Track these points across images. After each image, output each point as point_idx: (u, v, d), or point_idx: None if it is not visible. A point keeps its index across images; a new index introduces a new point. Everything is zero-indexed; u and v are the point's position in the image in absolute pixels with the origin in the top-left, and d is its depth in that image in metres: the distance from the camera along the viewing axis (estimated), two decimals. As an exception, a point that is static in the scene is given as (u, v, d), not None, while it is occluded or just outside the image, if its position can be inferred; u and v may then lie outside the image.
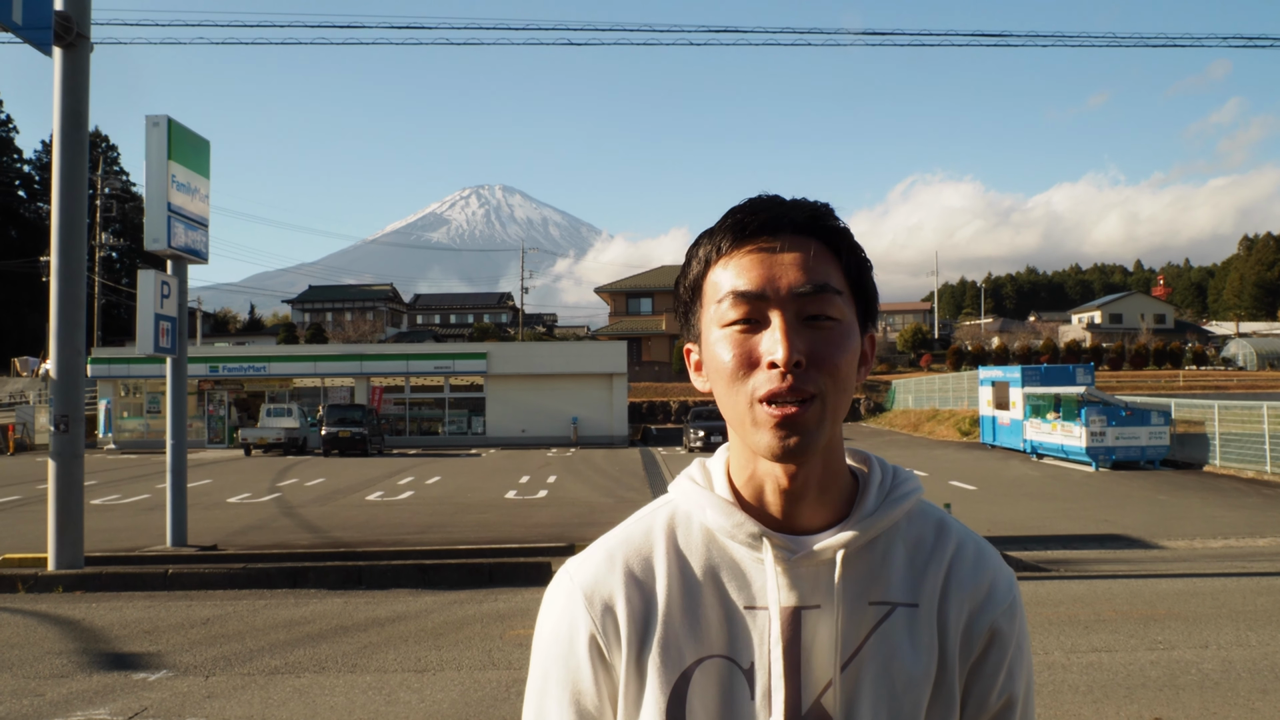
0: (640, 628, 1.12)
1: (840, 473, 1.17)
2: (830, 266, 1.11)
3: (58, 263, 10.79)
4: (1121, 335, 78.70)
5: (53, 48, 10.67)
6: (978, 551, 1.18)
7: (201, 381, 39.99)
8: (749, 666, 1.10)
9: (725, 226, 1.13)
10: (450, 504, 18.07)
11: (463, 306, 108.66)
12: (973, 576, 1.15)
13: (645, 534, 1.19)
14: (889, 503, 1.16)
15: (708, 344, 1.14)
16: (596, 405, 39.99)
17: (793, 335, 1.06)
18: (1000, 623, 1.14)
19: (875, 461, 1.23)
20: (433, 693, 6.57)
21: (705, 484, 1.20)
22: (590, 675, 1.12)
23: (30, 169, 76.36)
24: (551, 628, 1.17)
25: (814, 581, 1.11)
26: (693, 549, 1.16)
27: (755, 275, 1.09)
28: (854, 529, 1.13)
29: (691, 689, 1.09)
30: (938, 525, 1.20)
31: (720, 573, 1.14)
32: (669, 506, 1.22)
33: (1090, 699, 6.22)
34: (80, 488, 10.92)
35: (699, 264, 1.16)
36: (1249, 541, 13.29)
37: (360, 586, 10.48)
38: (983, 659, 1.13)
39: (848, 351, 1.09)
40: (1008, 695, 1.14)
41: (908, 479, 1.21)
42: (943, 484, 20.59)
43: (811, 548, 1.11)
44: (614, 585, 1.14)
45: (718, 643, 1.11)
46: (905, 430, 43.93)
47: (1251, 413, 22.17)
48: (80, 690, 6.67)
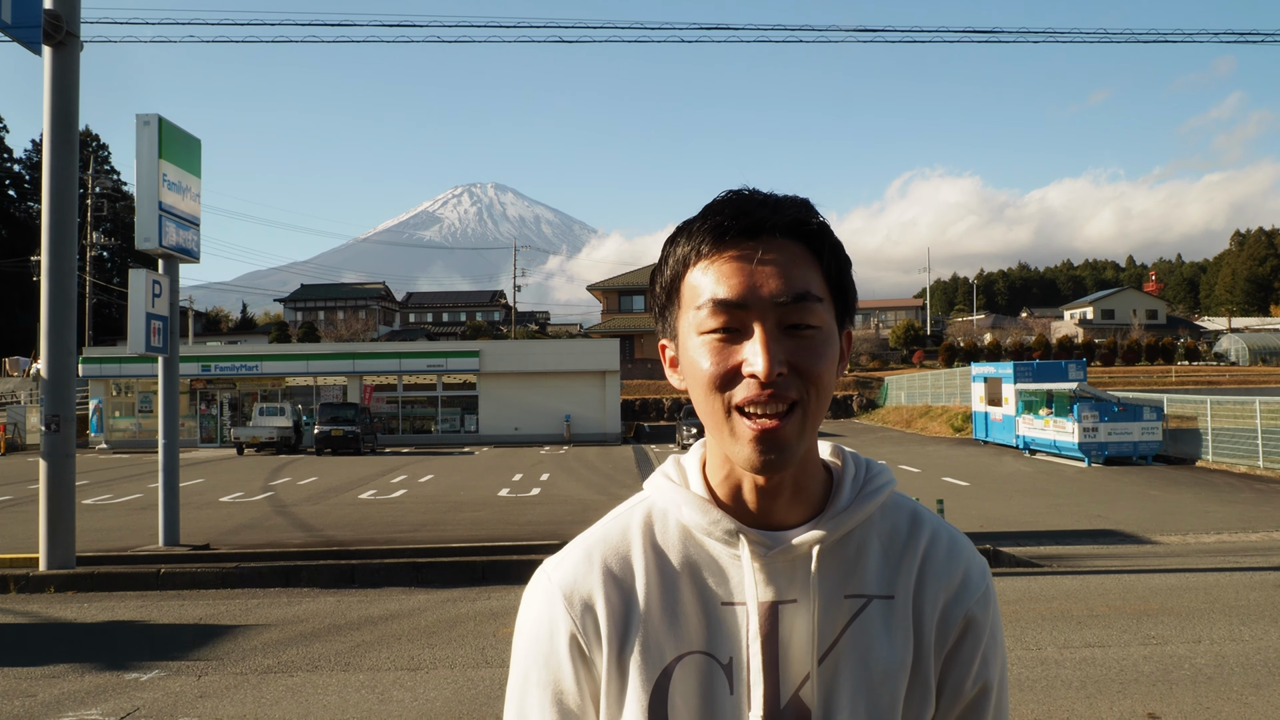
0: (621, 626, 1.12)
1: (815, 470, 1.17)
2: (811, 271, 1.10)
3: (48, 262, 10.75)
4: (1114, 331, 78.92)
5: (42, 47, 10.62)
6: (951, 542, 1.19)
7: (194, 381, 39.91)
8: (728, 661, 1.10)
9: (705, 228, 1.11)
10: (443, 502, 18.05)
11: (455, 305, 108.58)
12: (947, 567, 1.16)
13: (623, 532, 1.19)
14: (863, 497, 1.17)
15: (685, 348, 1.13)
16: (589, 403, 39.98)
17: (773, 345, 1.05)
18: (975, 611, 1.15)
19: (848, 456, 1.23)
20: (426, 691, 6.56)
21: (681, 481, 1.20)
22: (572, 674, 1.12)
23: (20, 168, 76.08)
24: (531, 628, 1.16)
25: (790, 576, 1.12)
26: (670, 546, 1.16)
27: (736, 283, 1.07)
28: (829, 524, 1.14)
29: (673, 685, 1.09)
30: (911, 517, 1.20)
31: (698, 569, 1.14)
32: (645, 504, 1.22)
33: (1084, 694, 6.23)
34: (72, 488, 10.88)
35: (677, 264, 1.14)
36: (1241, 536, 13.33)
37: (353, 585, 10.46)
38: (958, 647, 1.14)
39: (828, 359, 1.09)
40: (983, 682, 1.15)
41: (880, 472, 1.22)
42: (936, 480, 20.63)
43: (787, 543, 1.12)
44: (593, 584, 1.14)
45: (697, 639, 1.11)
46: (898, 427, 44.00)
47: (1244, 408, 22.24)
48: (72, 690, 6.64)
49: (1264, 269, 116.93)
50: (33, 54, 10.59)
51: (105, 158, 78.23)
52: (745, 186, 1.14)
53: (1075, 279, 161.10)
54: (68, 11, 10.81)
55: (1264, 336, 74.61)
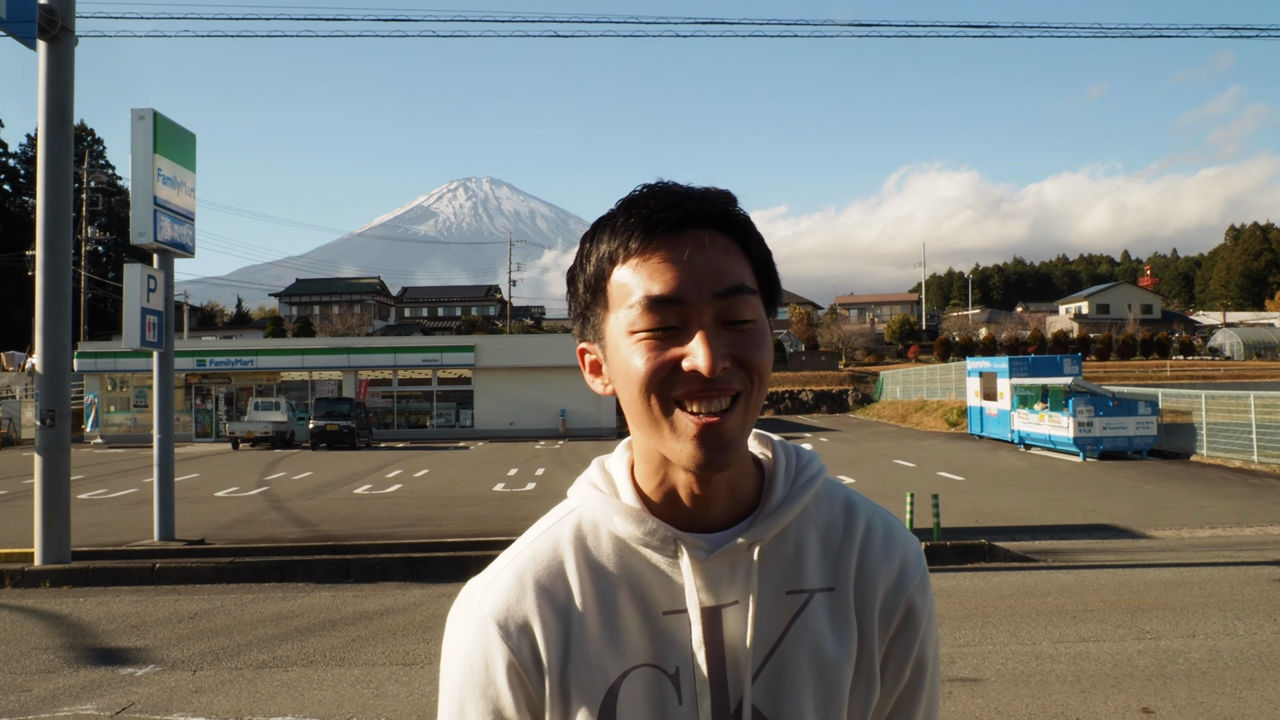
0: (560, 648, 1.08)
1: (747, 466, 1.15)
2: (742, 264, 1.07)
3: (43, 257, 10.73)
4: (1109, 326, 79.01)
5: (37, 41, 10.60)
6: (886, 529, 1.18)
7: (189, 375, 39.87)
8: (674, 672, 1.08)
9: (631, 223, 1.06)
10: (438, 497, 18.05)
11: (451, 299, 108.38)
12: (885, 555, 1.15)
13: (552, 548, 1.14)
14: (796, 490, 1.15)
15: (615, 349, 1.08)
16: (585, 398, 39.95)
17: (714, 340, 1.02)
18: (914, 597, 1.15)
19: (778, 446, 1.20)
20: (421, 685, 6.56)
21: (609, 489, 1.16)
22: (512, 702, 1.07)
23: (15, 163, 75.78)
24: (464, 658, 1.10)
25: (730, 578, 1.10)
26: (604, 558, 1.12)
27: (669, 278, 1.03)
28: (765, 521, 1.11)
29: (620, 703, 1.07)
30: (845, 506, 1.19)
31: (636, 580, 1.11)
32: (573, 515, 1.17)
33: (1078, 689, 6.24)
34: (67, 482, 10.87)
35: (600, 261, 1.08)
36: (1236, 531, 13.35)
37: (348, 580, 10.46)
38: (899, 634, 1.14)
39: (767, 350, 1.07)
40: (921, 663, 1.15)
41: (810, 461, 1.20)
42: (931, 475, 20.65)
43: (725, 545, 1.10)
44: (527, 608, 1.09)
45: (641, 652, 1.08)
46: (893, 421, 44.04)
47: (1239, 402, 22.27)
48: (67, 685, 6.64)
49: (1259, 264, 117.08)
50: (27, 48, 10.56)
51: (100, 152, 77.95)
52: (660, 180, 1.10)
53: (1070, 274, 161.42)
54: (62, 6, 10.78)
55: (1259, 331, 74.75)
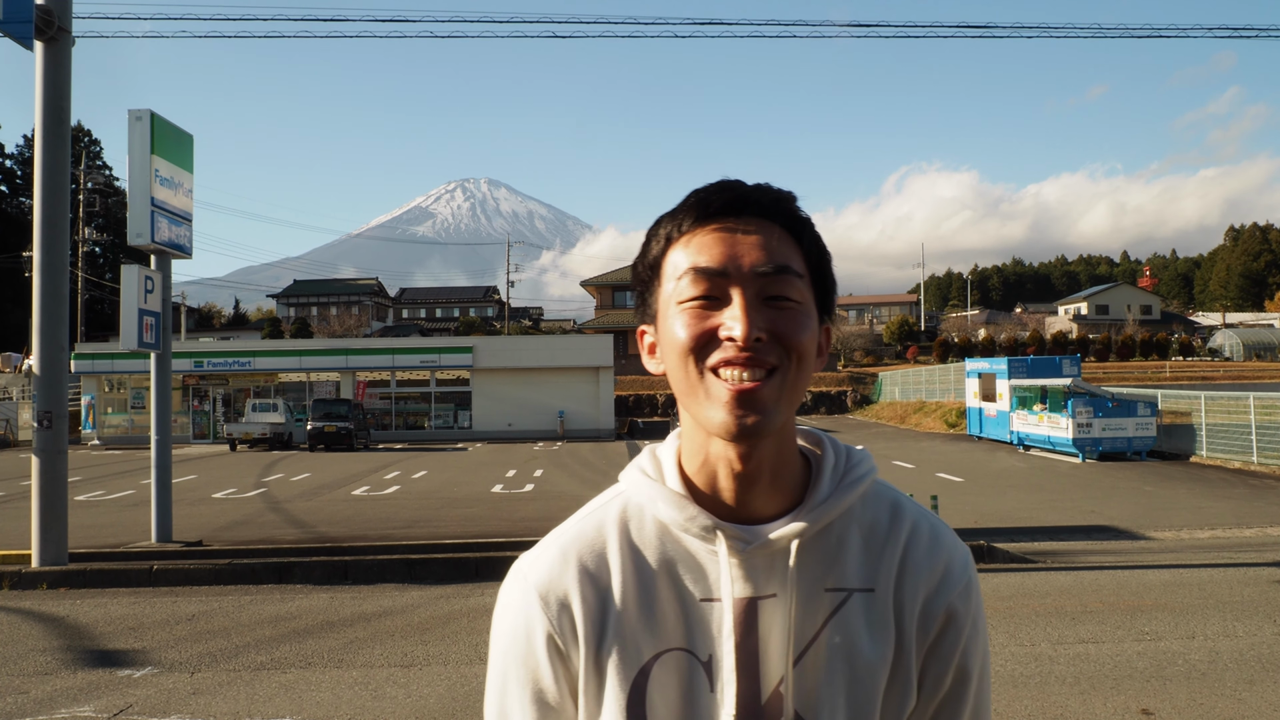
0: (597, 625, 1.11)
1: (792, 456, 1.15)
2: (792, 251, 1.10)
3: (40, 258, 10.71)
4: (1108, 326, 79.07)
5: (34, 42, 10.58)
6: (932, 532, 1.17)
7: (186, 377, 39.83)
8: (708, 659, 1.09)
9: (688, 205, 1.12)
10: (437, 498, 18.03)
11: (449, 300, 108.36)
12: (928, 559, 1.14)
13: (598, 528, 1.18)
14: (843, 487, 1.15)
15: (664, 321, 1.12)
16: (583, 399, 39.94)
17: (753, 312, 1.05)
18: (956, 604, 1.13)
19: (828, 442, 1.21)
20: (419, 688, 6.54)
21: (656, 475, 1.18)
22: (550, 673, 1.12)
23: (12, 164, 75.73)
24: (509, 628, 1.16)
25: (769, 571, 1.10)
26: (646, 542, 1.15)
27: (717, 252, 1.08)
28: (808, 516, 1.11)
29: (651, 684, 1.08)
30: (892, 507, 1.18)
31: (675, 565, 1.13)
32: (621, 499, 1.20)
33: (1077, 690, 6.23)
34: (64, 484, 10.85)
35: (659, 243, 1.14)
36: (1236, 532, 13.35)
37: (347, 581, 10.44)
38: (939, 641, 1.12)
39: (809, 331, 1.08)
40: (964, 672, 1.13)
41: (861, 460, 1.19)
42: (930, 476, 20.64)
43: (766, 537, 1.10)
44: (569, 583, 1.13)
45: (675, 636, 1.10)
46: (892, 422, 44.04)
47: (1238, 403, 22.27)
48: (65, 688, 6.62)
49: (1258, 264, 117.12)
50: (24, 49, 10.55)
51: (97, 153, 77.89)
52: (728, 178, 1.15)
53: (1070, 274, 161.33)
54: (59, 6, 10.77)
55: (1258, 332, 74.81)
